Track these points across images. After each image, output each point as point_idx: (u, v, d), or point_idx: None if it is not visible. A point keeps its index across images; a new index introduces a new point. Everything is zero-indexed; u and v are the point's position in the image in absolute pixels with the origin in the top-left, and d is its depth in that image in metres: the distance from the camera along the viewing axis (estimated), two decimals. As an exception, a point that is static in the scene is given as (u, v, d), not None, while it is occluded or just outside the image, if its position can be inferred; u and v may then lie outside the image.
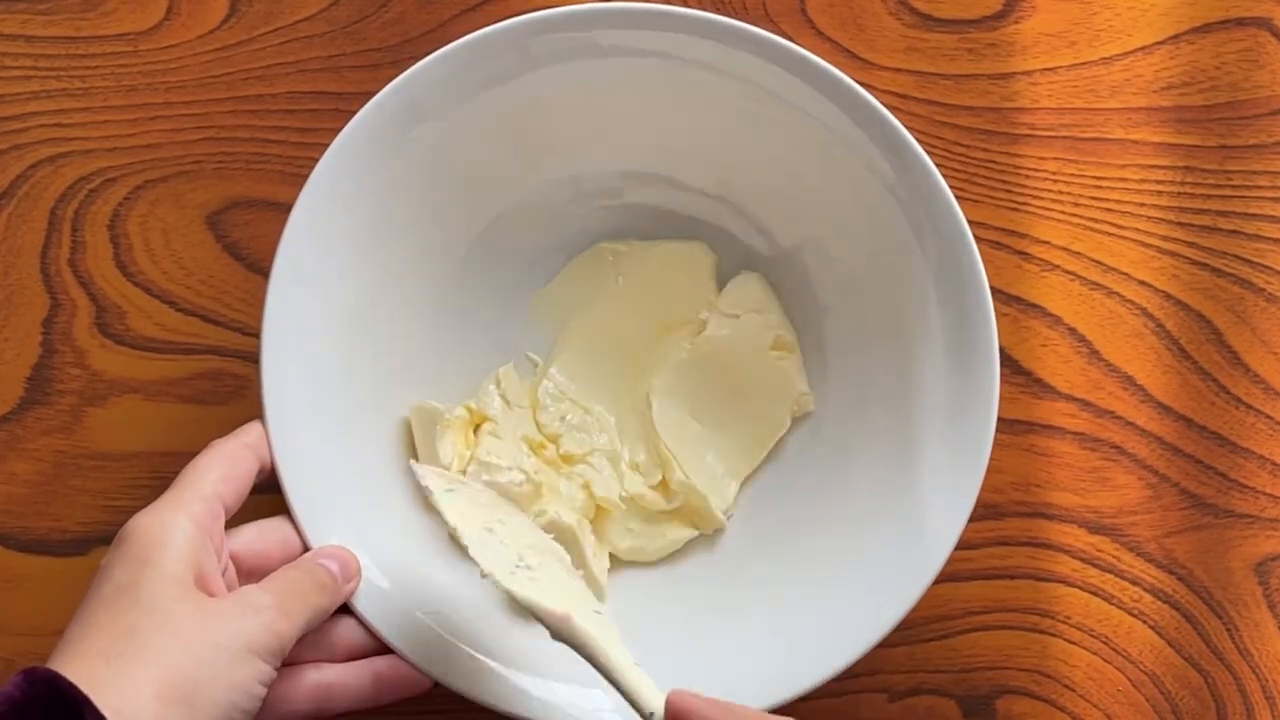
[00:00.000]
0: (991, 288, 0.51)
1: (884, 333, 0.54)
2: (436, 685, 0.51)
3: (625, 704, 0.45)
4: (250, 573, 0.49)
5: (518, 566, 0.48)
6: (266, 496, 0.55)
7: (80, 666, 0.41)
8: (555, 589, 0.48)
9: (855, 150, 0.51)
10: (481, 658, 0.51)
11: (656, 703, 0.44)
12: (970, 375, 0.51)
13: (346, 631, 0.50)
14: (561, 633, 0.46)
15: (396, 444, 0.54)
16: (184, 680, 0.42)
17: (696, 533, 0.55)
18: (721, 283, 0.57)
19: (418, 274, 0.55)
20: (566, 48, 0.51)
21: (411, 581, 0.52)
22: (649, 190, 0.56)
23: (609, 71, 0.52)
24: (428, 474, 0.50)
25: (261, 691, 0.45)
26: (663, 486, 0.56)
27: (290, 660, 0.48)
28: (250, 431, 0.50)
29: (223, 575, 0.48)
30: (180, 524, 0.46)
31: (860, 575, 0.52)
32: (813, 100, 0.51)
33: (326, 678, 0.49)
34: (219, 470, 0.48)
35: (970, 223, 0.51)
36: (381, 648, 0.50)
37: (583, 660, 0.46)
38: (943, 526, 0.51)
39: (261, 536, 0.50)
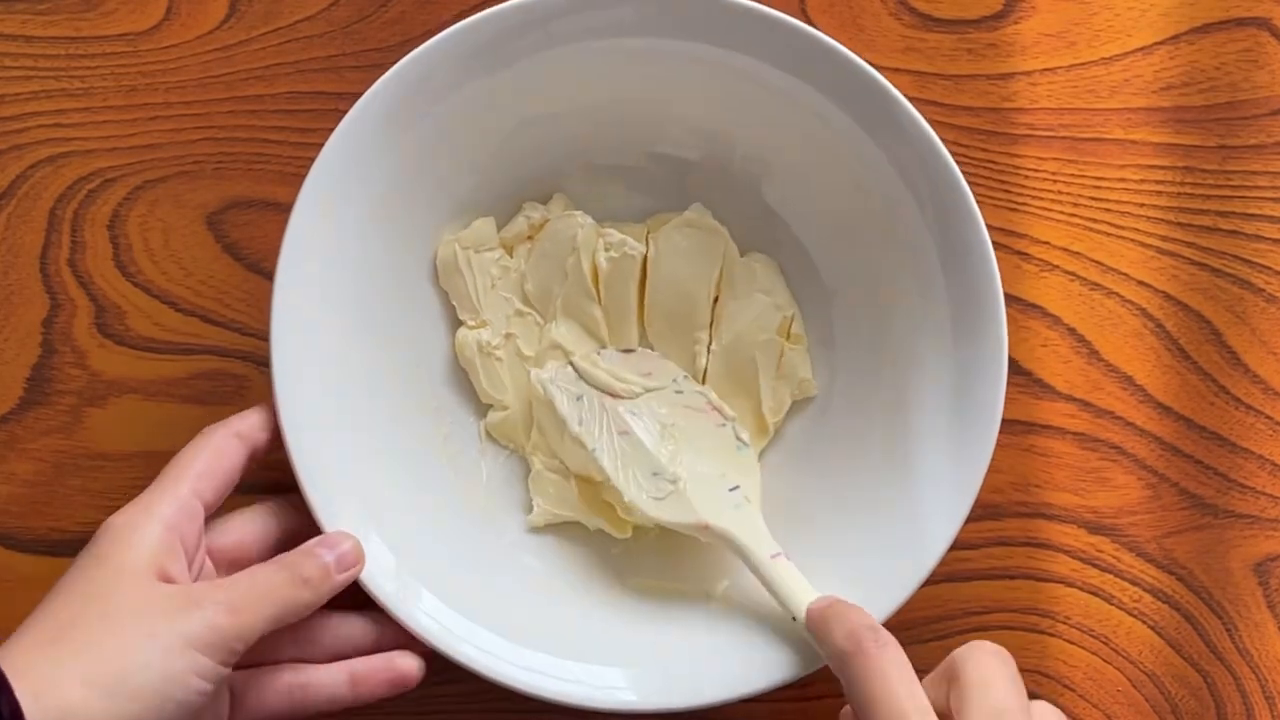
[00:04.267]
0: (991, 288, 0.52)
1: (891, 322, 0.54)
2: (436, 680, 0.51)
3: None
4: (232, 565, 0.49)
5: (655, 475, 0.53)
6: (276, 495, 0.55)
7: (17, 653, 0.43)
8: (696, 487, 0.53)
9: (859, 135, 0.52)
10: (493, 635, 0.51)
11: (800, 605, 0.50)
12: (978, 364, 0.51)
13: (335, 629, 0.51)
14: (707, 538, 0.52)
15: (409, 422, 0.55)
16: (113, 667, 0.43)
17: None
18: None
19: (426, 251, 0.55)
20: (569, 30, 0.51)
21: (423, 561, 0.52)
22: (657, 171, 0.56)
23: (612, 54, 0.52)
24: (555, 393, 0.55)
25: (201, 685, 0.44)
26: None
27: (269, 658, 0.49)
28: (244, 419, 0.50)
29: (199, 572, 0.48)
30: (149, 527, 0.46)
31: (857, 567, 0.52)
32: (815, 88, 0.52)
33: (301, 679, 0.49)
34: (201, 465, 0.48)
35: (970, 223, 0.51)
36: (372, 642, 0.51)
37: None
38: (942, 517, 0.51)
39: (241, 528, 0.50)
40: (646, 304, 0.57)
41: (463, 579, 0.52)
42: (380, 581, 0.50)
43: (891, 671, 0.44)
